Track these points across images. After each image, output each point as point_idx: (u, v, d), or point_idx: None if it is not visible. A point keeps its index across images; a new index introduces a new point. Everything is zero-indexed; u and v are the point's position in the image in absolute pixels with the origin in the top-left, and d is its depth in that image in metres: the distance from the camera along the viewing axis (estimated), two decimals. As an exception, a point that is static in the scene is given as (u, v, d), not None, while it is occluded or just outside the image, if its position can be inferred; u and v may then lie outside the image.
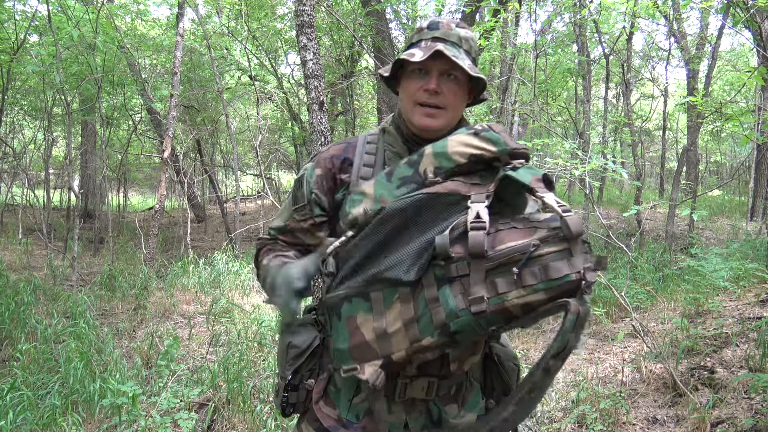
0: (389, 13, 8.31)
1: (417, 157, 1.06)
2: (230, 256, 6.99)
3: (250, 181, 18.39)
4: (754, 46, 6.13)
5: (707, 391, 3.10)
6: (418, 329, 0.94)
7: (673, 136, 16.26)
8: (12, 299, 4.63)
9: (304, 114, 11.17)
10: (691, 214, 3.81)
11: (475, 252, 0.90)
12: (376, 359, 0.96)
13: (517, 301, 0.90)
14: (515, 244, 0.90)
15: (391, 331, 0.94)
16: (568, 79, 10.50)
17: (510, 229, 0.93)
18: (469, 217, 0.93)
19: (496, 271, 0.90)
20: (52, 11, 6.17)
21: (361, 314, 0.96)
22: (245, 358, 3.68)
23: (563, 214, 0.90)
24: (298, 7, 3.43)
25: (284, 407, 1.28)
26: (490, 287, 0.90)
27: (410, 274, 0.93)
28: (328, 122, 3.48)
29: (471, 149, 1.02)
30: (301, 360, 1.27)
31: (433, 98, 1.19)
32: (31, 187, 11.46)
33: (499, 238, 0.93)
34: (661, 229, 9.12)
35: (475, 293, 0.90)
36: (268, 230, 1.37)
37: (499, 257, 0.90)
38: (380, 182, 1.07)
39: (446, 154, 1.03)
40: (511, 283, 0.89)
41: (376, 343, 0.95)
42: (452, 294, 0.92)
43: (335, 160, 1.28)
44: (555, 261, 0.89)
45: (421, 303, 0.94)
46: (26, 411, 2.88)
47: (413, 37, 1.26)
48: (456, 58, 1.14)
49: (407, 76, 1.23)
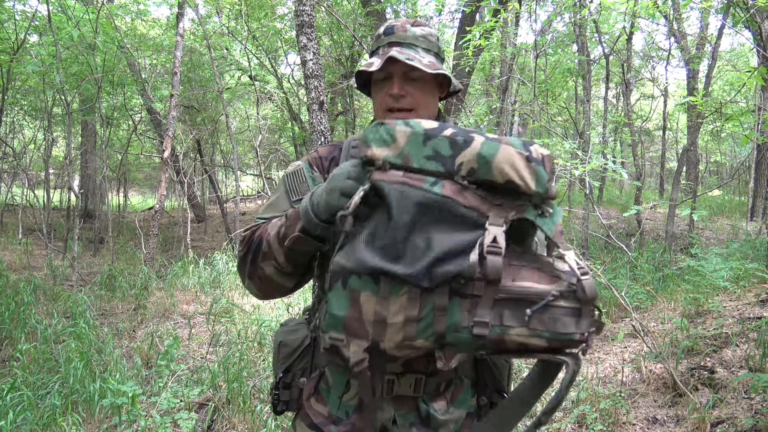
0: (389, 13, 8.31)
1: (462, 141, 0.97)
2: (230, 256, 6.99)
3: (250, 181, 18.40)
4: (754, 46, 6.13)
5: (707, 391, 3.10)
6: (416, 330, 0.93)
7: (673, 136, 16.27)
8: (12, 299, 4.64)
9: (304, 114, 11.18)
10: (691, 214, 3.81)
11: (492, 277, 0.90)
12: (365, 340, 0.95)
13: (518, 338, 0.91)
14: (536, 287, 0.91)
15: (390, 322, 0.93)
16: (568, 79, 10.50)
17: (533, 270, 0.94)
18: (486, 240, 0.92)
19: (507, 303, 0.91)
20: (52, 11, 6.17)
21: (367, 293, 0.93)
22: (245, 358, 3.68)
23: (581, 277, 0.92)
24: (298, 7, 3.43)
25: (275, 404, 1.31)
26: (495, 315, 0.91)
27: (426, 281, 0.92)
28: (328, 122, 3.48)
29: (515, 175, 0.95)
30: (292, 358, 1.31)
31: (399, 102, 1.21)
32: (31, 187, 11.46)
33: (521, 274, 0.93)
34: (661, 229, 9.12)
35: (481, 316, 0.91)
36: (255, 220, 1.28)
37: (516, 292, 0.91)
38: (415, 139, 0.98)
39: (489, 163, 0.95)
40: (519, 321, 0.90)
41: (371, 325, 0.93)
42: (459, 308, 0.92)
43: (324, 161, 1.31)
44: (565, 317, 0.91)
45: (427, 307, 0.93)
46: (26, 411, 2.88)
47: (373, 45, 1.28)
48: (410, 60, 1.16)
49: (374, 85, 1.26)
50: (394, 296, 0.93)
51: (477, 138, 0.97)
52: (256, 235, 1.20)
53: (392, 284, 0.93)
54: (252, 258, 1.19)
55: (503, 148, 0.96)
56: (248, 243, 1.21)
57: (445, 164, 0.97)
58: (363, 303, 0.93)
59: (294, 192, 1.26)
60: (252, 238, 1.21)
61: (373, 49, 1.27)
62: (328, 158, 1.32)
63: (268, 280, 1.19)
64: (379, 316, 0.93)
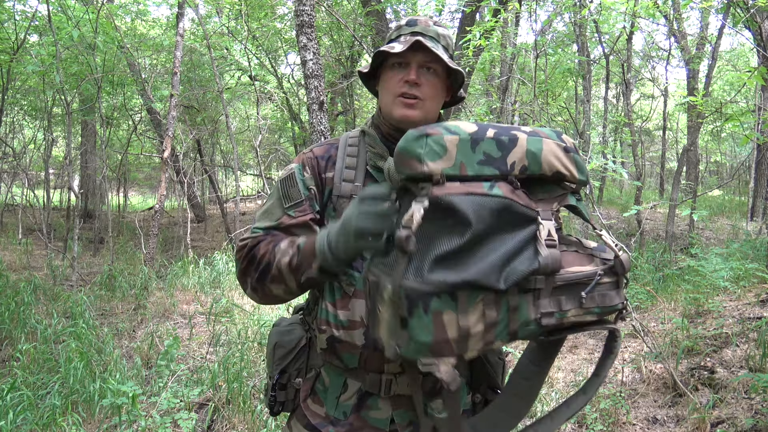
0: (389, 13, 8.31)
1: (508, 141, 0.98)
2: (230, 256, 6.99)
3: (250, 181, 18.40)
4: (754, 46, 6.13)
5: (707, 391, 3.10)
6: (495, 333, 0.95)
7: (673, 136, 16.27)
8: (12, 299, 4.63)
9: (304, 114, 11.18)
10: (691, 214, 3.81)
11: (553, 269, 0.96)
12: (451, 356, 0.95)
13: (574, 318, 0.99)
14: (584, 269, 1.00)
15: (473, 333, 0.94)
16: (568, 79, 10.50)
17: (573, 253, 1.01)
18: (543, 235, 0.97)
19: (563, 289, 0.97)
20: (52, 11, 6.17)
21: (448, 311, 0.92)
22: (245, 358, 3.68)
23: (618, 253, 1.02)
24: (298, 7, 3.43)
25: (272, 406, 1.31)
26: (554, 303, 0.97)
27: (501, 283, 0.93)
28: (328, 122, 3.48)
29: (561, 166, 1.02)
30: (288, 360, 1.30)
31: (413, 89, 1.21)
32: (31, 187, 11.46)
33: (567, 259, 0.99)
34: (661, 229, 9.12)
35: (545, 307, 0.96)
36: (252, 232, 1.24)
37: (569, 278, 0.98)
38: (464, 146, 0.96)
39: (538, 158, 1.00)
40: (576, 303, 0.98)
41: (456, 341, 0.93)
42: (527, 304, 0.96)
43: (320, 160, 1.28)
44: (610, 290, 1.02)
45: (503, 309, 0.94)
46: (26, 411, 2.88)
47: (392, 33, 1.29)
48: (435, 49, 1.18)
49: (387, 70, 1.25)
50: (471, 306, 0.94)
51: (520, 135, 1.01)
52: (261, 254, 1.17)
53: (469, 295, 0.93)
54: (258, 277, 1.17)
55: (546, 143, 1.01)
56: (249, 259, 1.18)
57: (498, 166, 0.98)
58: (447, 323, 0.93)
59: (287, 198, 1.24)
60: (254, 255, 1.18)
61: (393, 37, 1.27)
62: (324, 157, 1.29)
63: (274, 297, 1.19)
64: (463, 330, 0.94)
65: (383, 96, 1.27)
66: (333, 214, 1.25)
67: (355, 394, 1.23)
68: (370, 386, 1.22)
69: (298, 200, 1.24)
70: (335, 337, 1.21)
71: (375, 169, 1.26)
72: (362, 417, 1.22)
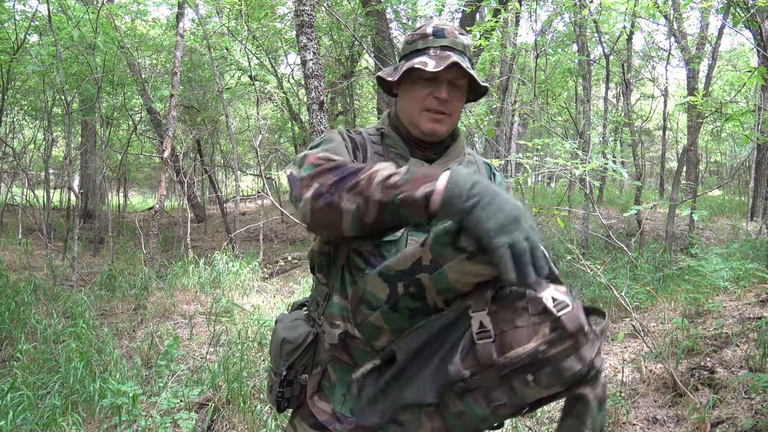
0: (389, 13, 8.31)
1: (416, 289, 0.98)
2: (230, 256, 6.99)
3: (250, 181, 18.40)
4: (754, 46, 6.13)
5: (707, 391, 3.10)
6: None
7: (673, 136, 16.27)
8: (12, 299, 4.63)
9: (304, 114, 11.18)
10: (691, 214, 3.81)
11: (485, 363, 0.92)
12: None
13: (536, 396, 0.93)
14: (523, 351, 0.90)
15: None
16: (568, 79, 10.51)
17: (514, 330, 0.92)
18: (474, 329, 0.93)
19: (511, 375, 0.92)
20: (52, 11, 6.17)
21: None
22: (245, 358, 3.68)
23: (559, 313, 0.89)
24: (298, 7, 3.43)
25: (279, 402, 1.32)
26: (508, 391, 0.92)
27: (430, 396, 0.95)
28: (328, 122, 3.48)
29: (474, 278, 0.95)
30: (295, 356, 1.30)
31: (442, 106, 1.23)
32: (31, 187, 11.46)
33: (506, 341, 0.92)
34: (661, 229, 9.12)
35: (497, 399, 0.92)
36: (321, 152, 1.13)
37: (510, 365, 0.91)
38: (388, 314, 1.02)
39: (450, 288, 0.96)
40: (528, 385, 0.91)
41: None
42: (475, 403, 0.93)
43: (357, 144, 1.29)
44: (565, 360, 0.89)
45: (448, 417, 0.96)
46: (26, 411, 2.88)
47: (417, 42, 1.26)
48: (469, 69, 1.19)
49: (414, 82, 1.25)
50: (418, 424, 0.98)
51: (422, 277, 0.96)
52: (350, 164, 1.03)
53: (412, 415, 0.98)
54: (336, 179, 1.00)
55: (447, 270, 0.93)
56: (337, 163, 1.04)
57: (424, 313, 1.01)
58: None
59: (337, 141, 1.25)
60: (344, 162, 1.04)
61: (419, 47, 1.25)
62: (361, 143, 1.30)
63: (338, 211, 0.99)
64: None
65: (408, 105, 1.27)
66: None
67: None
68: None
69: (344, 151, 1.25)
70: (349, 332, 1.21)
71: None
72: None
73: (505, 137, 8.62)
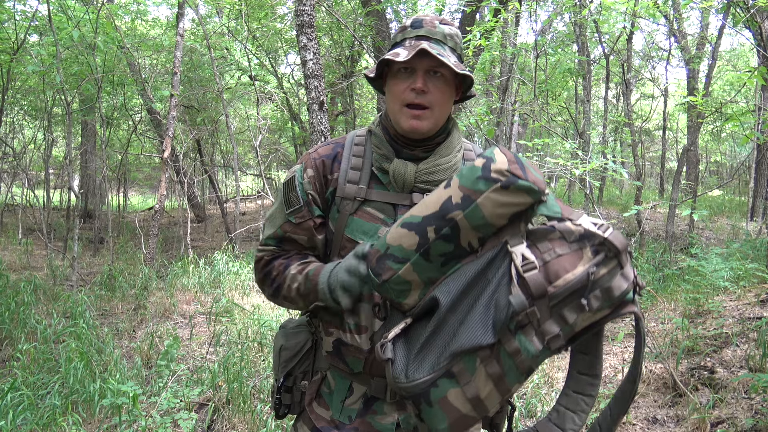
0: (389, 13, 8.31)
1: (449, 230, 0.96)
2: (230, 256, 6.99)
3: (250, 181, 18.39)
4: (754, 46, 6.13)
5: (707, 391, 3.10)
6: (507, 382, 0.95)
7: (673, 136, 16.27)
8: (12, 299, 4.63)
9: (304, 114, 11.18)
10: (691, 214, 3.81)
11: (538, 294, 0.91)
12: (476, 423, 0.98)
13: (585, 323, 0.93)
14: (573, 277, 0.91)
15: (484, 395, 0.95)
16: (568, 79, 10.51)
17: (558, 258, 0.93)
18: (518, 262, 0.93)
19: (562, 303, 0.92)
20: (52, 11, 6.17)
21: (451, 392, 0.95)
22: (245, 358, 3.68)
23: (605, 234, 0.92)
24: (298, 7, 3.43)
25: (277, 408, 1.31)
26: (559, 321, 0.92)
27: (488, 336, 0.92)
28: (328, 122, 3.48)
29: (510, 209, 0.95)
30: (293, 362, 1.30)
31: (420, 97, 1.17)
32: (31, 187, 11.46)
33: (552, 270, 0.92)
34: (661, 229, 9.12)
35: (550, 332, 0.92)
36: (263, 242, 1.29)
37: (562, 293, 0.91)
38: (419, 264, 0.99)
39: (487, 223, 0.96)
40: (579, 311, 0.91)
41: (472, 410, 0.95)
42: (528, 339, 0.92)
43: (325, 160, 1.26)
44: (612, 280, 0.91)
45: (504, 357, 0.94)
46: (26, 411, 2.88)
47: (397, 36, 1.24)
48: (441, 55, 1.12)
49: (393, 77, 1.21)
50: (473, 373, 0.94)
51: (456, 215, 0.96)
52: (274, 275, 1.25)
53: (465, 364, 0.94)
54: (273, 293, 1.27)
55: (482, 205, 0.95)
56: (265, 274, 1.28)
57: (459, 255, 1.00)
58: (454, 402, 0.95)
59: (287, 204, 1.26)
60: (269, 272, 1.27)
61: (398, 40, 1.22)
62: (330, 156, 1.27)
63: (291, 306, 1.28)
64: (474, 400, 0.95)
65: (390, 103, 1.23)
66: (336, 216, 1.23)
67: (360, 399, 1.22)
68: (375, 391, 1.20)
69: (297, 206, 1.24)
70: (342, 340, 1.20)
71: (380, 171, 1.24)
72: (367, 421, 1.21)
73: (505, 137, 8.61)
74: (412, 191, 1.21)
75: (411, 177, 1.20)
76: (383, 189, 1.23)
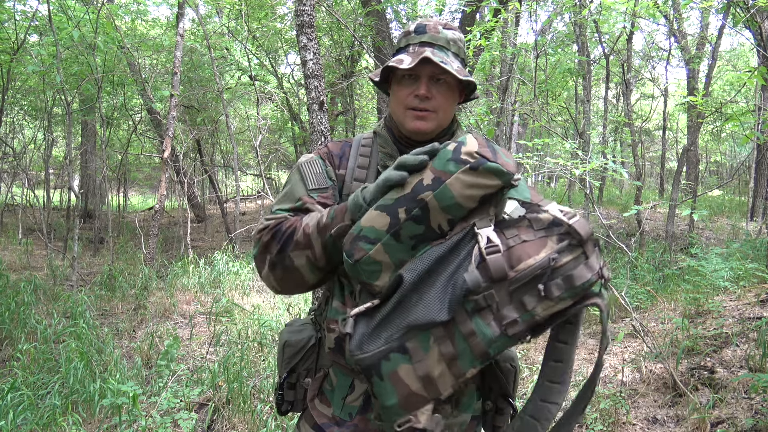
0: (389, 13, 8.31)
1: (420, 211, 0.98)
2: (230, 256, 6.99)
3: (250, 181, 18.39)
4: (754, 46, 6.13)
5: (707, 391, 3.10)
6: (461, 365, 0.95)
7: (673, 136, 16.27)
8: (12, 299, 4.64)
9: (304, 114, 11.17)
10: (691, 214, 3.81)
11: (498, 277, 0.92)
12: (426, 404, 0.97)
13: (546, 312, 0.93)
14: (534, 261, 0.92)
15: (436, 375, 0.95)
16: (568, 79, 10.50)
17: (522, 244, 0.94)
18: (482, 243, 0.94)
19: (522, 289, 0.92)
20: (52, 11, 6.17)
21: (402, 367, 0.95)
22: (245, 358, 3.68)
23: (569, 221, 0.94)
24: (298, 7, 3.43)
25: (279, 405, 1.31)
26: (518, 306, 0.92)
27: (443, 313, 0.93)
28: (328, 122, 3.48)
29: (478, 190, 0.97)
30: (296, 359, 1.30)
31: (423, 103, 1.20)
32: (31, 187, 11.46)
33: (515, 255, 0.93)
34: (661, 229, 9.12)
35: (507, 317, 0.92)
36: (274, 211, 1.22)
37: (522, 278, 0.92)
38: (390, 245, 1.00)
39: (456, 204, 0.97)
40: (538, 298, 0.92)
41: (423, 390, 0.96)
42: (485, 323, 0.93)
43: (334, 157, 1.30)
44: (575, 269, 0.92)
45: (458, 339, 0.94)
46: (26, 411, 2.88)
47: (401, 41, 1.26)
48: (444, 63, 1.14)
49: (397, 82, 1.23)
50: (426, 349, 0.95)
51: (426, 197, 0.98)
52: (286, 227, 1.14)
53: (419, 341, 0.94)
54: (280, 247, 1.12)
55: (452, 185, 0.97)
56: (273, 231, 1.14)
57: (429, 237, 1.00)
58: (404, 377, 0.95)
59: (311, 180, 1.24)
60: (279, 229, 1.14)
61: (401, 45, 1.24)
62: (338, 154, 1.30)
63: (295, 271, 1.13)
64: (424, 377, 0.95)
65: (394, 106, 1.26)
66: None
67: (361, 396, 1.22)
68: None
69: (324, 186, 1.23)
70: (342, 337, 1.20)
71: (385, 169, 1.25)
72: (368, 418, 1.21)
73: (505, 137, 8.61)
74: None
75: None
76: None
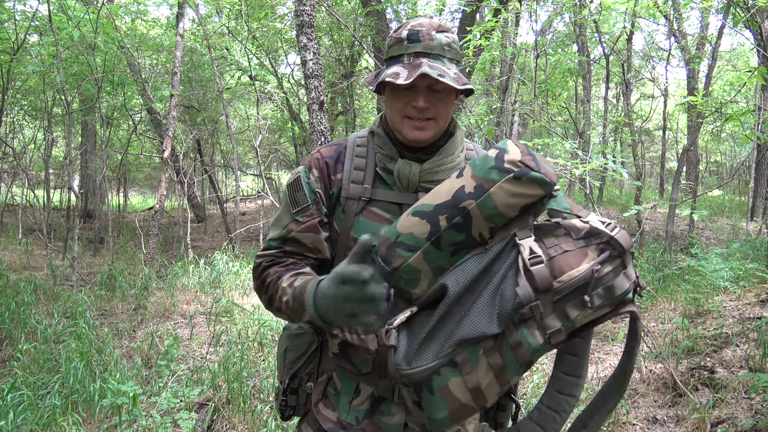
0: (389, 13, 8.31)
1: (461, 219, 0.98)
2: (230, 256, 6.99)
3: (250, 181, 18.38)
4: (754, 46, 6.13)
5: (707, 391, 3.10)
6: (508, 374, 0.96)
7: (673, 136, 16.27)
8: (12, 299, 4.64)
9: (304, 114, 11.17)
10: (691, 214, 3.81)
11: (544, 288, 0.93)
12: (474, 414, 0.98)
13: (585, 320, 0.95)
14: (578, 273, 0.93)
15: (484, 386, 0.96)
16: (568, 79, 10.50)
17: (563, 254, 0.95)
18: (525, 255, 0.95)
19: (565, 299, 0.93)
20: (52, 11, 6.17)
21: (453, 380, 0.95)
22: (245, 358, 3.68)
23: (612, 233, 0.95)
24: (298, 7, 3.43)
25: (283, 410, 1.30)
26: (561, 315, 0.94)
27: (493, 326, 0.93)
28: (328, 122, 3.48)
29: (521, 200, 0.97)
30: (299, 364, 1.29)
31: (422, 113, 1.18)
32: (31, 187, 11.46)
33: (557, 265, 0.94)
34: (661, 229, 9.12)
35: (551, 326, 0.93)
36: (265, 246, 1.25)
37: (566, 288, 0.93)
38: (429, 253, 0.99)
39: (499, 213, 0.97)
40: (581, 307, 0.93)
41: (472, 401, 0.96)
42: (530, 333, 0.94)
43: (328, 161, 1.26)
44: (615, 279, 0.93)
45: (506, 350, 0.95)
46: (26, 411, 2.88)
47: (393, 48, 1.21)
48: (442, 76, 1.11)
49: (393, 91, 1.20)
50: (476, 363, 0.95)
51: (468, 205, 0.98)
52: (268, 282, 1.19)
53: (468, 354, 0.95)
54: (267, 302, 1.21)
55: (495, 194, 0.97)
56: (260, 282, 1.22)
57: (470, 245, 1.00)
58: (454, 391, 0.95)
59: (294, 203, 1.24)
60: (264, 279, 1.20)
61: (395, 54, 1.20)
62: (333, 158, 1.27)
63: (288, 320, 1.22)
64: (474, 390, 0.96)
65: (390, 113, 1.22)
66: (342, 217, 1.23)
67: (367, 399, 1.21)
68: (383, 391, 1.20)
69: (304, 204, 1.23)
70: (347, 342, 1.20)
71: (385, 171, 1.24)
72: (375, 422, 1.20)
73: (505, 137, 8.61)
74: (417, 191, 1.21)
75: (416, 177, 1.20)
76: (388, 189, 1.23)
